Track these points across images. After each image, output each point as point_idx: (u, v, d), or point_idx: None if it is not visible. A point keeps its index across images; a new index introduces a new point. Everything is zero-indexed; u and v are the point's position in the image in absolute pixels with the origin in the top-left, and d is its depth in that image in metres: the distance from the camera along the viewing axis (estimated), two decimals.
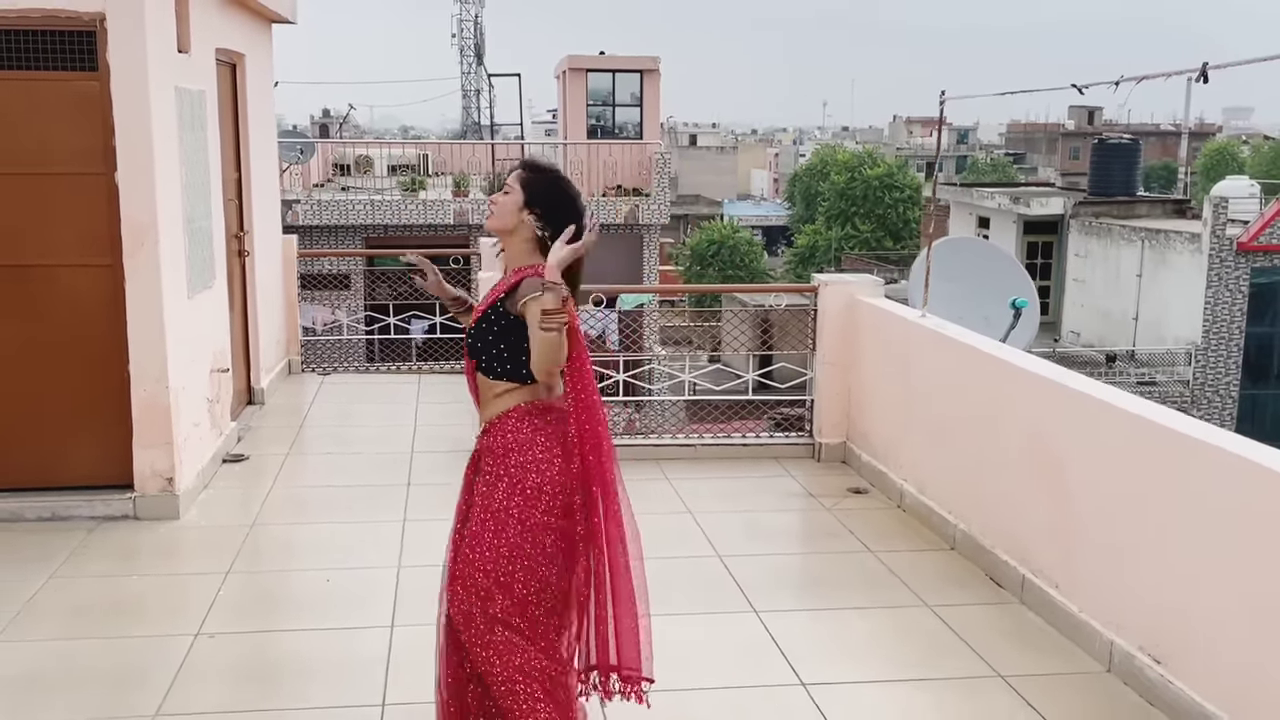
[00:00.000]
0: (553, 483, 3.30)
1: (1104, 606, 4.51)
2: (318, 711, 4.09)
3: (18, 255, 5.77)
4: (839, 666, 4.50)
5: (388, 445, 7.56)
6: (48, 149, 5.73)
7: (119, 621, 4.82)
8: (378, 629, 4.72)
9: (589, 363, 3.36)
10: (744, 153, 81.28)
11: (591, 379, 3.34)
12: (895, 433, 6.58)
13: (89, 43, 5.68)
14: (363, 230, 20.08)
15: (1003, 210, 29.58)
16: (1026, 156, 75.27)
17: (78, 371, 5.90)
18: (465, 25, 47.84)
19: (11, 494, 5.91)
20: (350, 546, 5.73)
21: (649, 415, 10.59)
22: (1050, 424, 4.93)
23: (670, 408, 8.34)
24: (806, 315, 7.89)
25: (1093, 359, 23.84)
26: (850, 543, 5.87)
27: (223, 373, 7.13)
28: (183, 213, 6.28)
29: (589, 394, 3.32)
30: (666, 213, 21.10)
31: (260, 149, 8.78)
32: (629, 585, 3.44)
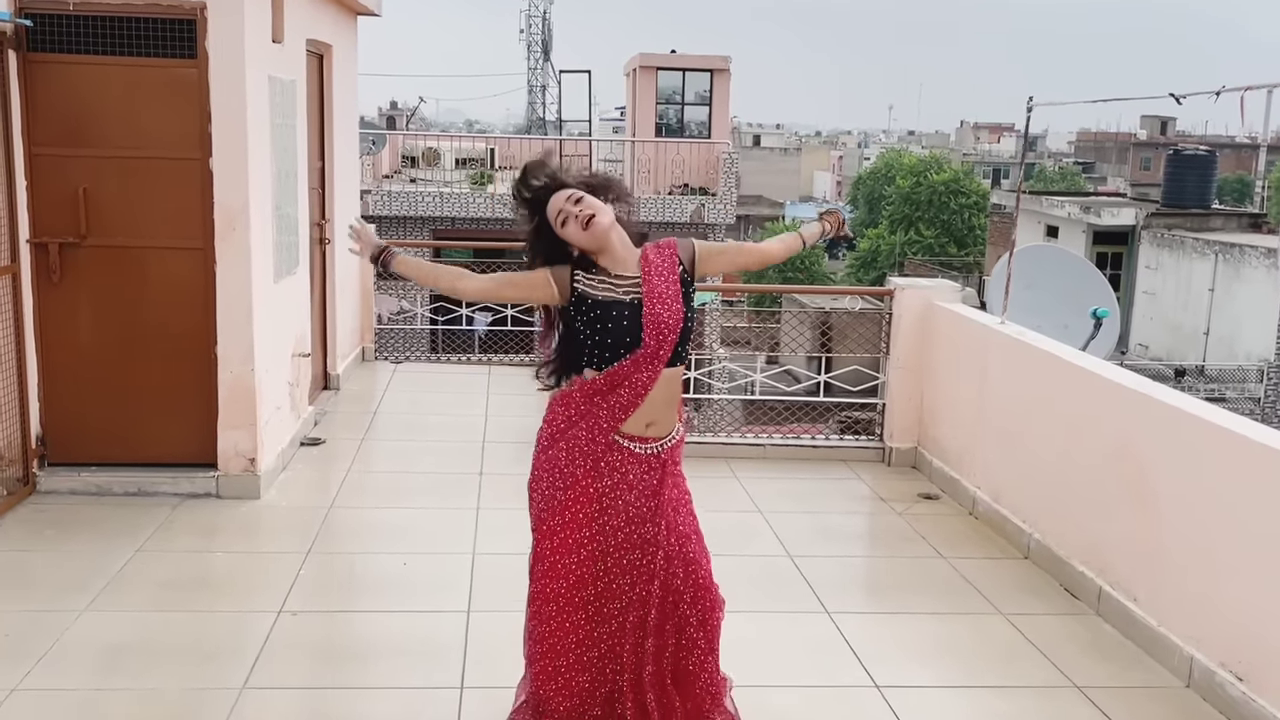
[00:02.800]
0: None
1: (1185, 621, 4.47)
2: (400, 691, 4.17)
3: (114, 236, 5.92)
4: (912, 670, 4.50)
5: (460, 434, 7.65)
6: (147, 133, 5.87)
7: (204, 596, 4.95)
8: (455, 614, 4.80)
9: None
10: (807, 154, 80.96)
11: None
12: (969, 439, 6.55)
13: (189, 31, 5.81)
14: (431, 222, 20.27)
15: (1072, 220, 29.18)
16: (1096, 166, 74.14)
17: (167, 352, 6.04)
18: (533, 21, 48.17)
19: (101, 468, 6.07)
20: (425, 532, 5.82)
21: (707, 414, 10.61)
22: (1138, 436, 4.89)
23: (728, 407, 8.35)
24: (870, 319, 7.89)
25: (1161, 373, 23.45)
26: (922, 548, 5.86)
27: (303, 357, 7.26)
28: (272, 199, 6.40)
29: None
30: (732, 213, 21.07)
31: (344, 139, 8.93)
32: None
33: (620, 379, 3.33)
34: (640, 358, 3.30)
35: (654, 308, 3.31)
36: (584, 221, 3.27)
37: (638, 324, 3.30)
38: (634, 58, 23.48)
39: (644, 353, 3.30)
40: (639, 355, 3.30)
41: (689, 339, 3.37)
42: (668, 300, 3.32)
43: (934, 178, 47.98)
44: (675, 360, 3.37)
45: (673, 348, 3.33)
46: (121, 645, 4.42)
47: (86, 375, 6.03)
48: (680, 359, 3.39)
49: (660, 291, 3.32)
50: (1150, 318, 26.74)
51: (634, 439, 3.38)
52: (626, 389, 3.33)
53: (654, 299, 3.31)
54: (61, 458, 6.09)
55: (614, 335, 3.31)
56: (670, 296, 3.33)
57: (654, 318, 3.30)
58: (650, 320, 3.30)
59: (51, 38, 5.75)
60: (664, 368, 3.33)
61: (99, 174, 5.88)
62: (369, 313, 9.92)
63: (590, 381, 3.37)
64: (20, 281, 5.84)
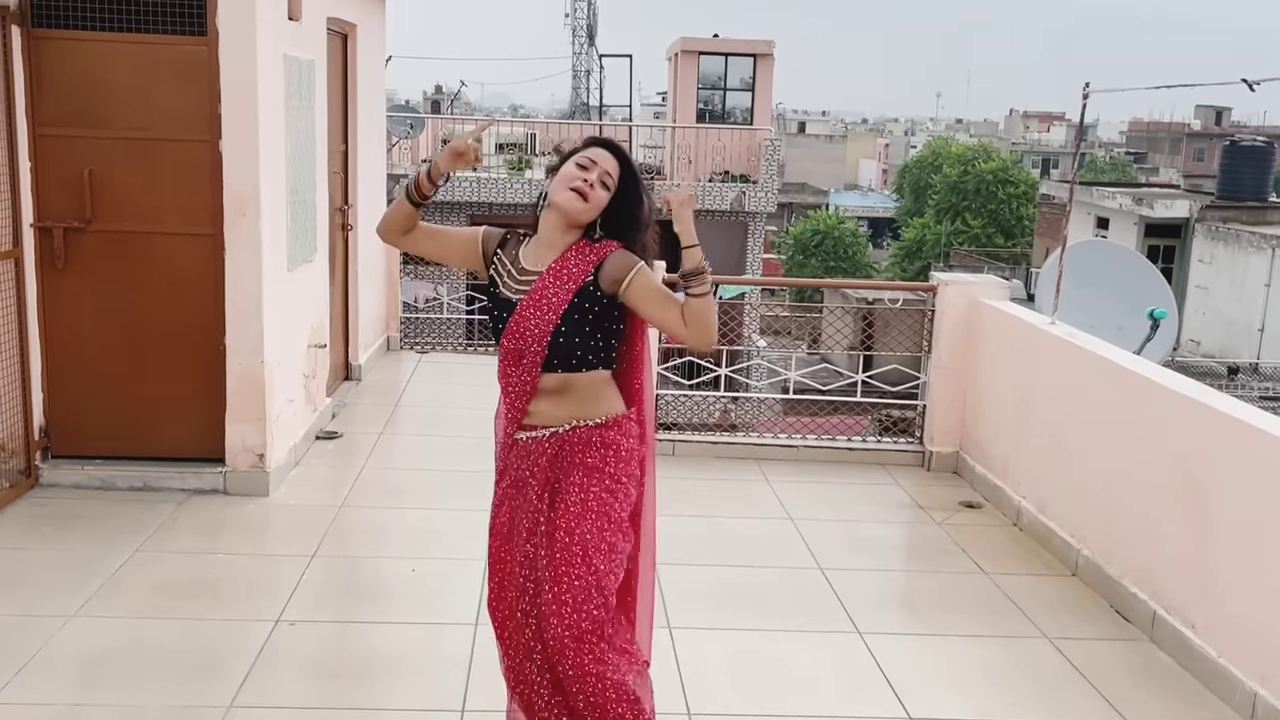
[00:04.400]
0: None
1: (1248, 653, 4.11)
2: (395, 713, 3.91)
3: (121, 221, 5.70)
4: (949, 699, 4.17)
5: (481, 429, 7.29)
6: (154, 114, 5.64)
7: (200, 602, 4.70)
8: (461, 626, 4.53)
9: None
10: (853, 142, 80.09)
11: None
12: (1014, 445, 6.18)
13: (199, 7, 5.57)
14: (468, 207, 20.04)
15: (1124, 211, 28.50)
16: (1148, 156, 72.74)
17: (174, 341, 5.82)
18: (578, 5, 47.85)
19: (106, 461, 5.86)
20: (437, 534, 5.56)
21: (744, 407, 10.31)
22: (1196, 448, 4.52)
23: (770, 406, 8.04)
24: (914, 314, 7.53)
25: (1213, 370, 22.81)
26: (962, 562, 5.52)
27: (320, 348, 7.02)
28: (286, 184, 6.15)
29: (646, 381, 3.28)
30: (773, 200, 20.68)
31: (368, 121, 8.67)
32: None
33: (503, 375, 3.17)
34: (506, 356, 3.12)
35: (524, 311, 3.08)
36: (582, 189, 3.05)
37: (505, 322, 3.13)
38: (676, 42, 23.11)
39: (504, 353, 3.12)
40: (503, 354, 3.13)
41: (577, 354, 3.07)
42: (544, 307, 3.05)
43: (981, 167, 47.21)
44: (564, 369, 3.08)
45: (540, 355, 3.06)
46: (108, 654, 4.18)
47: (91, 365, 5.82)
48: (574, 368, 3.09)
49: (542, 295, 3.07)
50: (1203, 313, 26.06)
51: (524, 428, 3.16)
52: (509, 388, 3.15)
53: (530, 302, 3.08)
54: (65, 450, 5.88)
55: (495, 329, 3.15)
56: (551, 303, 3.05)
57: (518, 320, 3.08)
58: (514, 323, 3.08)
59: (57, 14, 5.53)
60: (542, 373, 3.08)
61: (105, 156, 5.65)
62: (395, 300, 9.67)
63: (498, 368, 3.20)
64: (23, 267, 5.63)
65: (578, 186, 3.05)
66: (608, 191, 3.08)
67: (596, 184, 3.06)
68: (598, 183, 3.07)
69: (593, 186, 3.06)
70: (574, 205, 3.05)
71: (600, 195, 3.07)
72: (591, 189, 3.06)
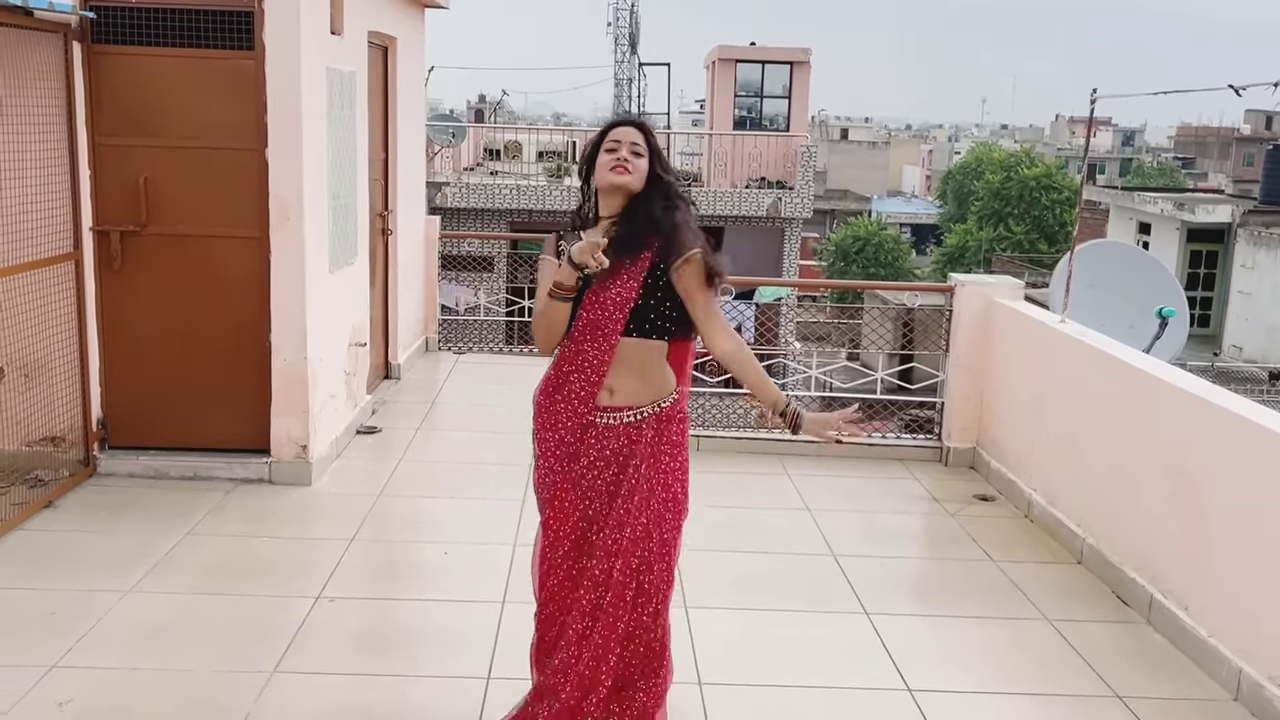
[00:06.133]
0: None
1: (1235, 633, 4.30)
2: (426, 680, 4.20)
3: (173, 224, 6.05)
4: (948, 674, 4.39)
5: (514, 425, 7.64)
6: (205, 123, 5.98)
7: (246, 580, 5.02)
8: (490, 604, 4.81)
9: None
10: (896, 148, 79.86)
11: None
12: (1027, 440, 6.38)
13: (247, 23, 5.90)
14: (508, 214, 20.42)
15: (1165, 216, 28.38)
16: (1196, 161, 71.96)
17: (223, 339, 6.15)
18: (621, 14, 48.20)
19: (158, 452, 6.21)
20: (470, 521, 5.85)
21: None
22: (1192, 440, 4.72)
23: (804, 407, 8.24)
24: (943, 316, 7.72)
25: (1254, 375, 22.69)
26: (971, 550, 5.73)
27: (360, 347, 7.35)
28: (328, 190, 6.48)
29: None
30: (809, 207, 20.87)
31: (408, 131, 9.00)
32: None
33: (576, 352, 3.36)
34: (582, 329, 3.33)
35: (600, 287, 3.31)
36: (619, 166, 3.33)
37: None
38: (713, 50, 23.38)
39: (581, 326, 3.33)
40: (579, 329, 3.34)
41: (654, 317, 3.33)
42: (623, 277, 3.30)
43: (1024, 172, 46.99)
44: (641, 334, 3.34)
45: (620, 323, 3.30)
46: (160, 626, 4.51)
47: (146, 361, 6.17)
48: (648, 334, 3.34)
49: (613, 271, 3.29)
50: (1245, 318, 25.89)
51: (601, 410, 3.37)
52: (585, 361, 3.35)
53: (604, 279, 3.30)
54: (121, 441, 6.24)
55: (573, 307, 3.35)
56: (631, 271, 3.30)
57: (597, 290, 3.31)
58: (592, 293, 3.31)
59: (114, 30, 5.88)
60: (619, 339, 3.31)
61: (159, 164, 6.00)
62: (433, 303, 10.00)
63: (559, 355, 3.41)
64: (83, 268, 5.99)
65: (617, 165, 3.33)
66: (642, 158, 3.36)
67: (630, 156, 3.35)
68: (630, 154, 3.35)
69: (628, 159, 3.35)
70: (622, 180, 3.32)
71: (640, 164, 3.36)
72: (628, 161, 3.34)
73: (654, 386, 3.38)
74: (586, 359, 3.34)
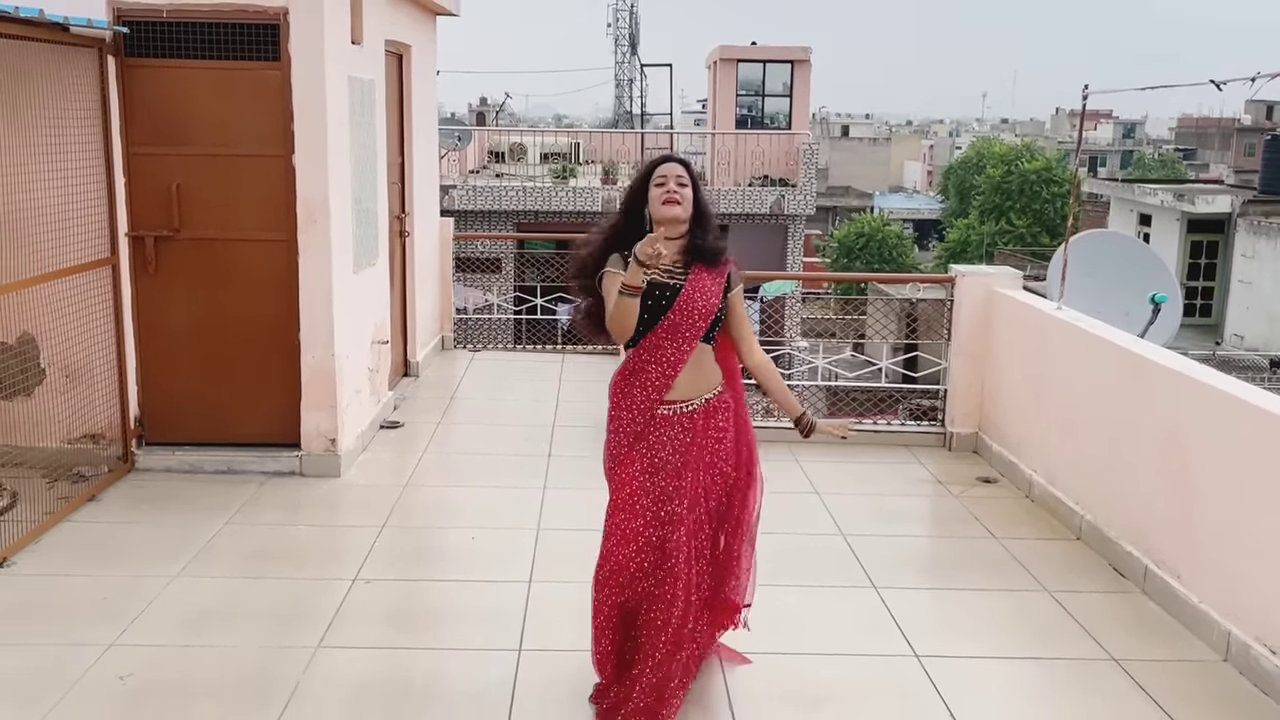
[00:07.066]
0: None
1: (1223, 597, 4.56)
2: (462, 652, 4.45)
3: (205, 229, 6.31)
4: (953, 641, 4.65)
5: (531, 418, 7.95)
6: (234, 132, 6.25)
7: (285, 565, 5.29)
8: (517, 584, 5.07)
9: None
10: (897, 144, 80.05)
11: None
12: (1027, 424, 6.64)
13: (273, 35, 6.16)
14: (514, 216, 20.67)
15: (1166, 208, 28.57)
16: (1198, 153, 72.09)
17: (254, 338, 6.42)
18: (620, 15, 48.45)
19: (194, 448, 6.48)
20: (494, 509, 6.11)
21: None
22: (1182, 417, 4.97)
23: (810, 399, 8.49)
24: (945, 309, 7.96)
25: (1255, 363, 22.92)
26: (975, 529, 5.98)
27: (382, 344, 7.61)
28: (351, 194, 6.74)
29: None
30: (812, 204, 21.11)
31: (423, 135, 9.27)
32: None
33: (654, 348, 3.81)
34: (665, 330, 3.79)
35: (692, 294, 3.80)
36: (672, 197, 3.80)
37: (670, 304, 3.78)
38: (714, 50, 23.62)
39: (665, 327, 3.79)
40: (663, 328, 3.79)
41: (716, 329, 3.88)
42: (707, 293, 3.82)
43: (1025, 166, 47.21)
44: (706, 340, 3.87)
45: (700, 330, 3.81)
46: (207, 608, 4.77)
47: (180, 360, 6.44)
48: (708, 339, 3.88)
49: (701, 283, 3.82)
50: (1246, 307, 26.09)
51: (665, 403, 3.87)
52: (662, 358, 3.81)
53: (695, 288, 3.81)
54: (158, 438, 6.51)
55: (651, 312, 3.78)
56: (712, 290, 3.84)
57: (688, 299, 3.79)
58: (683, 301, 3.79)
59: (146, 43, 6.15)
60: (696, 344, 3.82)
61: (191, 171, 6.27)
62: (448, 303, 10.26)
63: (631, 355, 3.87)
64: (119, 273, 6.26)
65: (668, 199, 3.80)
66: (687, 188, 3.83)
67: (677, 189, 3.81)
68: (677, 188, 3.82)
69: (676, 191, 3.81)
70: (674, 212, 3.80)
71: (686, 194, 3.83)
72: (676, 193, 3.81)
73: (707, 382, 3.90)
74: (664, 355, 3.80)
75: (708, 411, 3.90)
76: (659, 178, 3.83)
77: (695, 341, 3.80)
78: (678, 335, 3.79)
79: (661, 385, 3.82)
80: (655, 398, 3.83)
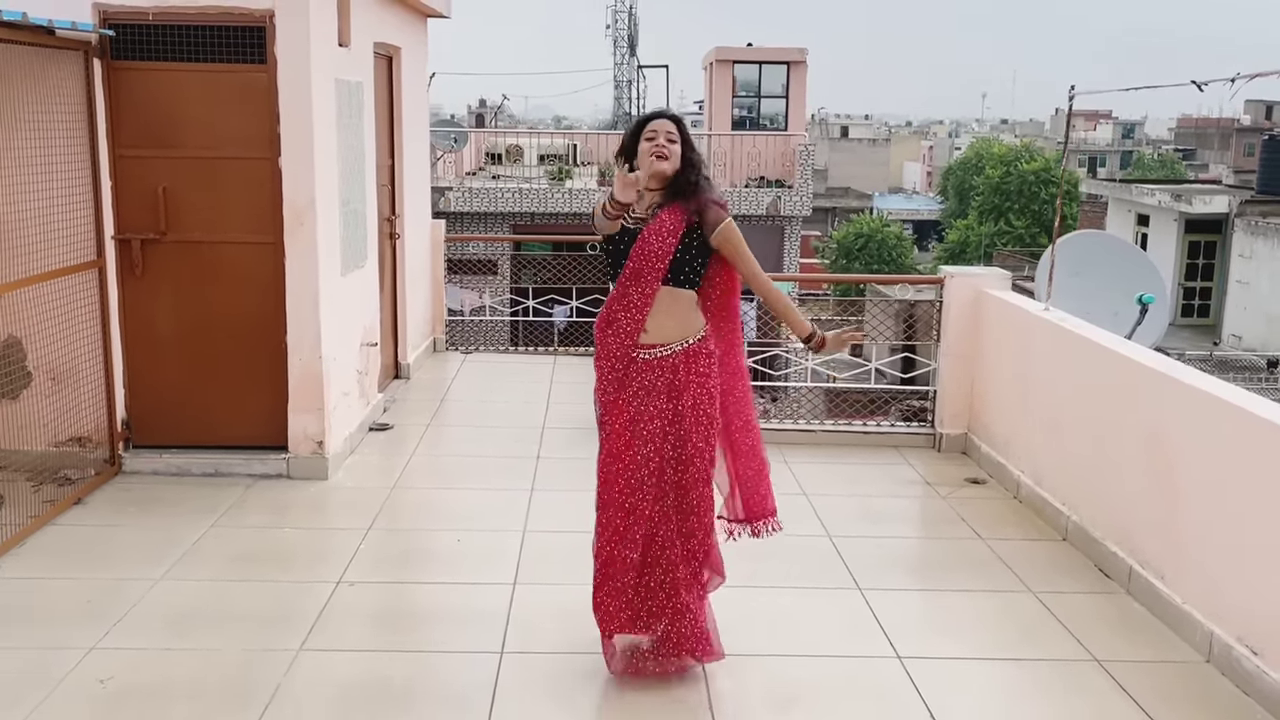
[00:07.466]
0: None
1: (1206, 598, 4.55)
2: (443, 655, 4.45)
3: (192, 232, 6.31)
4: (936, 643, 4.64)
5: (521, 420, 7.94)
6: (221, 135, 6.24)
7: (270, 568, 5.29)
8: (501, 586, 5.06)
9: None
10: (897, 145, 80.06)
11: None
12: (1015, 424, 6.63)
13: (259, 37, 6.16)
14: (510, 217, 20.68)
15: (1163, 208, 28.56)
16: (1197, 153, 72.09)
17: (240, 340, 6.42)
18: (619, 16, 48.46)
19: (181, 450, 6.48)
20: (480, 511, 6.11)
21: (783, 406, 10.75)
22: (1165, 417, 4.97)
23: (807, 402, 8.45)
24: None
25: (1253, 364, 22.91)
26: (962, 530, 5.98)
27: (371, 347, 7.61)
28: (339, 196, 6.74)
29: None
30: (808, 205, 21.11)
31: (413, 138, 9.27)
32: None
33: (621, 295, 4.00)
34: (627, 276, 3.98)
35: (647, 236, 3.97)
36: (661, 151, 3.95)
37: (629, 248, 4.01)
38: (710, 51, 23.65)
39: (627, 273, 3.98)
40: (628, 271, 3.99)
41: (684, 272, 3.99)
42: (664, 233, 3.96)
43: (1024, 167, 47.23)
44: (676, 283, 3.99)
45: (660, 272, 3.96)
46: (190, 611, 4.77)
47: (167, 363, 6.44)
48: (682, 284, 4.00)
49: (661, 225, 3.97)
50: (1244, 307, 26.08)
51: (642, 347, 4.02)
52: (629, 303, 3.99)
53: (652, 231, 3.97)
54: (145, 440, 6.50)
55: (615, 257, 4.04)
56: (669, 229, 3.97)
57: (643, 243, 3.97)
58: (639, 245, 3.97)
59: (132, 46, 6.15)
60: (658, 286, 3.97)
61: (177, 174, 6.27)
62: (440, 305, 10.26)
63: (610, 295, 4.08)
64: (106, 275, 6.26)
65: (656, 152, 3.94)
66: (676, 144, 3.97)
67: (666, 144, 3.96)
68: (666, 142, 3.96)
69: (665, 146, 3.95)
70: (661, 167, 3.95)
71: (675, 149, 3.97)
72: (665, 149, 3.95)
73: (683, 327, 4.01)
74: (631, 301, 3.99)
75: (688, 355, 4.01)
76: (649, 132, 3.98)
77: (656, 283, 3.95)
78: (640, 279, 3.97)
79: (633, 329, 4.00)
80: (629, 342, 4.01)
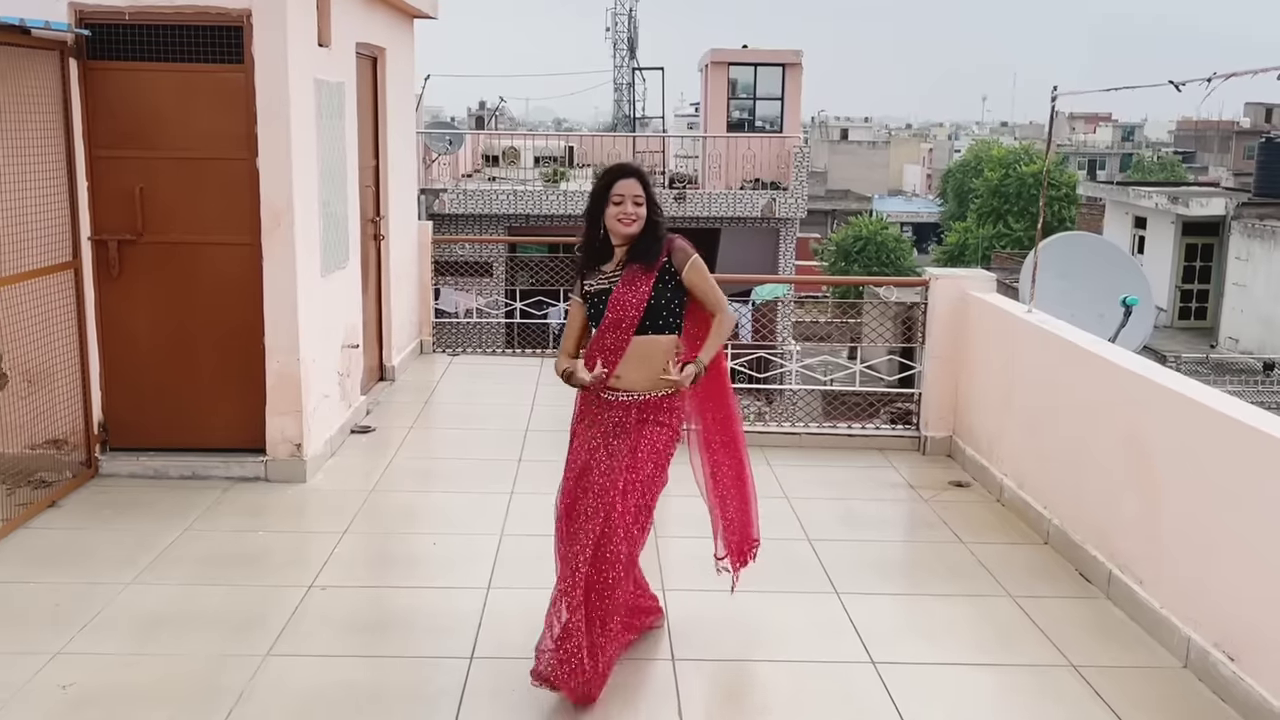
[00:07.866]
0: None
1: (1184, 603, 4.50)
2: (412, 660, 4.40)
3: (169, 233, 6.27)
4: (911, 648, 4.60)
5: (505, 423, 7.89)
6: (198, 135, 6.20)
7: (241, 572, 5.24)
8: (474, 590, 5.02)
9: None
10: (897, 147, 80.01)
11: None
12: (998, 427, 6.59)
13: (237, 38, 6.12)
14: (506, 219, 20.63)
15: (1160, 210, 28.50)
16: (1197, 155, 72.03)
17: (219, 342, 6.37)
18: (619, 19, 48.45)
19: (157, 453, 6.43)
20: (459, 514, 6.07)
21: (779, 408, 10.69)
22: (1143, 421, 4.92)
23: (803, 405, 8.40)
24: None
25: (1249, 366, 22.86)
26: (943, 533, 5.93)
27: (353, 349, 7.56)
28: (318, 197, 6.70)
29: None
30: (804, 207, 21.05)
31: (399, 139, 9.22)
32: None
33: (599, 341, 4.16)
34: (608, 325, 4.14)
35: (621, 291, 4.15)
36: (628, 219, 4.12)
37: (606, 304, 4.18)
38: (706, 53, 23.60)
39: (607, 323, 4.14)
40: (606, 322, 4.15)
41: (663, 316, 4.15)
42: (636, 284, 4.14)
43: (1023, 169, 47.15)
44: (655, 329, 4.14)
45: (636, 320, 4.11)
46: (159, 615, 4.72)
47: (144, 365, 6.40)
48: (661, 329, 4.15)
49: (634, 278, 4.15)
50: (1241, 310, 26.03)
51: (609, 389, 4.18)
52: (606, 349, 4.15)
53: (625, 284, 4.16)
54: (122, 443, 6.46)
55: (598, 311, 4.19)
56: (642, 279, 4.14)
57: (619, 296, 4.14)
58: (615, 298, 4.14)
59: (109, 46, 6.11)
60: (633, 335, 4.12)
61: (154, 174, 6.22)
62: (427, 306, 10.21)
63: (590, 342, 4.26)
64: (82, 276, 6.22)
65: (623, 219, 4.12)
66: (642, 206, 4.13)
67: (633, 208, 4.12)
68: (633, 206, 4.12)
69: (633, 213, 4.12)
70: (629, 231, 4.13)
71: (640, 212, 4.13)
72: (632, 214, 4.12)
73: (652, 380, 4.14)
74: (606, 345, 4.15)
75: (654, 406, 4.15)
76: (616, 195, 4.12)
77: (630, 334, 4.10)
78: (618, 328, 4.13)
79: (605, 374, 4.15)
80: (600, 385, 4.16)
